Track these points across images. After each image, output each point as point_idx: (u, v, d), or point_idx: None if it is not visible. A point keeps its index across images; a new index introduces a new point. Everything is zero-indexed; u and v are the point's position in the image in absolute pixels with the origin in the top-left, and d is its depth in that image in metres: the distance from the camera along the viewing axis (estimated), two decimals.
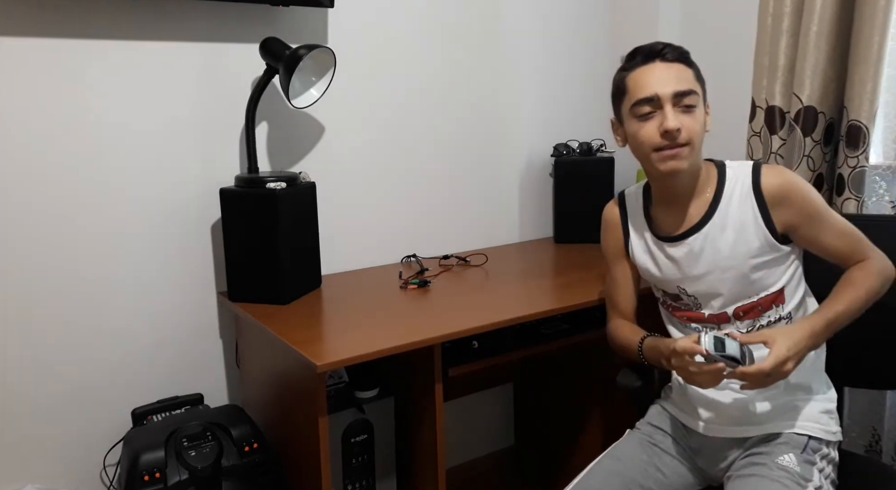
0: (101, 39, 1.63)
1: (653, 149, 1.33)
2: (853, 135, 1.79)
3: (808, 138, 1.85)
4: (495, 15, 2.22)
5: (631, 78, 1.36)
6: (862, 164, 1.79)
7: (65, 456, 1.69)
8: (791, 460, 1.29)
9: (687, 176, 1.36)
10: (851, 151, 1.80)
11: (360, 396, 1.69)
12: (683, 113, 1.31)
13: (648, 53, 1.34)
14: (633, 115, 1.35)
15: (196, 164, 1.78)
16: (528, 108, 2.34)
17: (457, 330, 1.49)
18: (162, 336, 1.78)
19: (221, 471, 1.52)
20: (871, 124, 1.77)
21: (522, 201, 2.38)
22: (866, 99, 1.76)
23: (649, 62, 1.34)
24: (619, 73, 1.40)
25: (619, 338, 1.51)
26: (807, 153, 1.86)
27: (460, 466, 2.38)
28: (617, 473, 1.38)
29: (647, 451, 1.43)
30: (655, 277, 1.48)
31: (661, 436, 1.46)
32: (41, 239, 1.61)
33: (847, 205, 1.82)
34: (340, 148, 1.99)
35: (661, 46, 1.34)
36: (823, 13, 1.79)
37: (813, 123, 1.84)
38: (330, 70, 1.79)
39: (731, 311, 1.40)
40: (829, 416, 1.38)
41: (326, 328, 1.54)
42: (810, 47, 1.81)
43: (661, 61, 1.33)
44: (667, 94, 1.30)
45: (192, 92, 1.76)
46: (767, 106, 1.94)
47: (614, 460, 1.42)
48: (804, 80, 1.84)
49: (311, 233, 1.79)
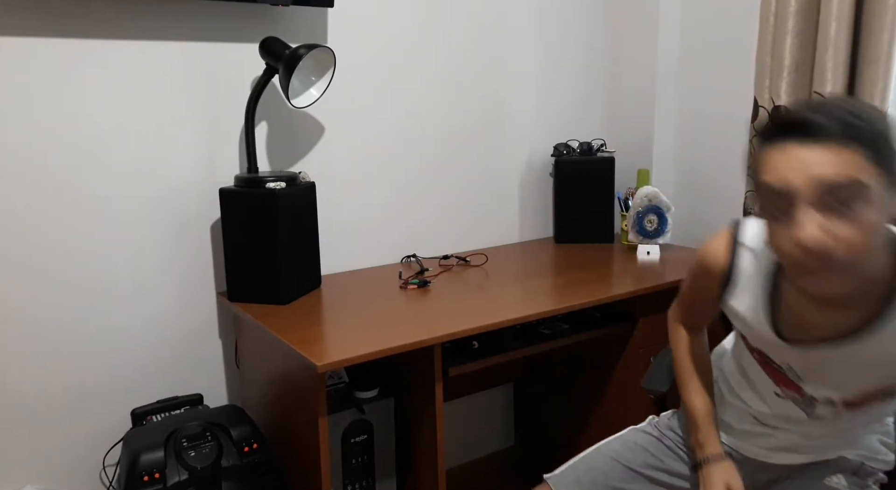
0: (100, 39, 1.63)
1: (792, 262, 0.92)
2: None
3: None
4: (495, 15, 2.21)
5: (764, 156, 0.93)
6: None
7: (64, 456, 1.69)
8: (841, 482, 1.18)
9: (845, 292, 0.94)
10: None
11: (360, 396, 1.68)
12: (837, 215, 0.86)
13: (789, 126, 0.89)
14: (766, 210, 0.94)
15: (195, 164, 1.78)
16: (528, 107, 2.33)
17: (457, 330, 1.48)
18: (161, 336, 1.78)
19: (221, 471, 1.52)
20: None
21: (522, 201, 2.38)
22: (877, 99, 1.76)
23: (788, 141, 0.89)
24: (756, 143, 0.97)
25: (677, 370, 1.35)
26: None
27: (460, 466, 2.38)
28: (621, 459, 1.32)
29: (656, 448, 1.35)
30: (756, 340, 1.16)
31: (676, 440, 1.37)
32: (41, 239, 1.61)
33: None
34: (340, 148, 1.99)
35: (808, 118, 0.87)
36: (840, 13, 1.78)
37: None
38: (330, 70, 1.79)
39: (837, 399, 1.12)
40: (885, 446, 1.28)
41: (326, 328, 1.54)
42: (830, 46, 1.80)
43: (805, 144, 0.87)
44: (805, 189, 0.86)
45: (192, 91, 1.76)
46: (773, 105, 1.93)
47: (622, 446, 1.35)
48: (825, 79, 1.82)
49: (311, 233, 1.79)
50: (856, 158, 0.85)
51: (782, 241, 0.91)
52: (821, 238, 0.86)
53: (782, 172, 0.88)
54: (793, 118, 0.89)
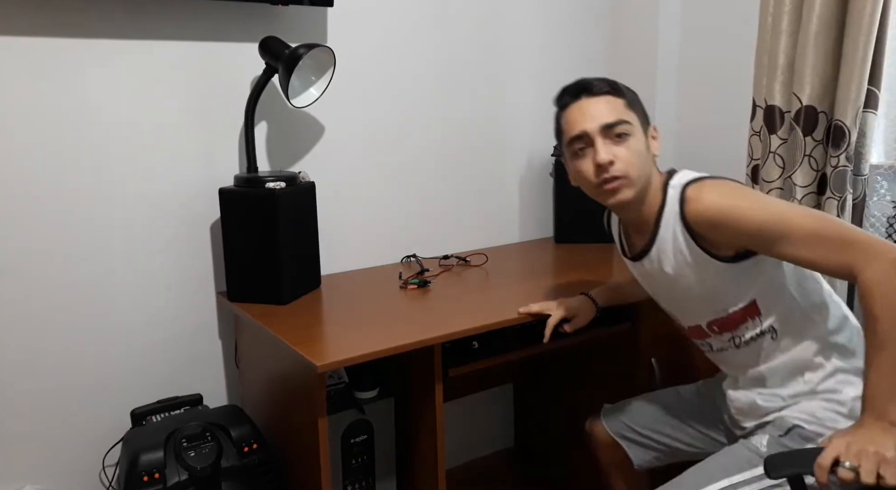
0: (100, 39, 1.63)
1: (595, 185, 1.33)
2: (836, 134, 1.79)
3: (808, 138, 1.85)
4: (495, 15, 2.21)
5: (563, 117, 1.37)
6: (843, 164, 1.79)
7: (64, 456, 1.69)
8: (761, 441, 1.31)
9: (637, 203, 1.35)
10: (833, 151, 1.80)
11: (360, 397, 1.68)
12: (617, 144, 1.30)
13: (576, 90, 1.35)
14: (570, 153, 1.36)
15: (195, 164, 1.78)
16: (528, 107, 2.33)
17: (457, 330, 1.48)
18: (161, 336, 1.78)
19: (221, 471, 1.52)
20: (854, 125, 1.76)
21: (522, 201, 2.38)
22: (851, 99, 1.75)
23: (577, 100, 1.34)
24: (556, 114, 1.40)
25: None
26: (808, 153, 1.85)
27: (460, 466, 2.38)
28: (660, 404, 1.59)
29: (694, 402, 1.58)
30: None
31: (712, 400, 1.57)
32: (41, 239, 1.61)
33: (828, 204, 1.83)
34: (340, 147, 1.99)
35: (587, 82, 1.34)
36: (823, 11, 1.78)
37: (813, 123, 1.84)
38: (329, 69, 1.78)
39: (704, 326, 1.41)
40: (838, 414, 1.30)
41: (326, 328, 1.54)
42: (809, 46, 1.81)
43: (586, 97, 1.33)
44: (594, 128, 1.30)
45: (192, 91, 1.75)
46: (767, 105, 1.93)
47: (666, 394, 1.62)
48: (804, 79, 1.83)
49: (311, 232, 1.79)
50: (620, 105, 1.32)
51: (586, 171, 1.33)
52: (610, 156, 1.29)
53: (581, 123, 1.31)
54: (578, 84, 1.34)
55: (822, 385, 1.32)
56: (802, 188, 1.88)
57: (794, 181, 1.88)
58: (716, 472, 1.30)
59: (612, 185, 1.31)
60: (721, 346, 1.42)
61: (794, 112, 1.86)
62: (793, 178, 1.89)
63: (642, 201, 1.35)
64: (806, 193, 1.88)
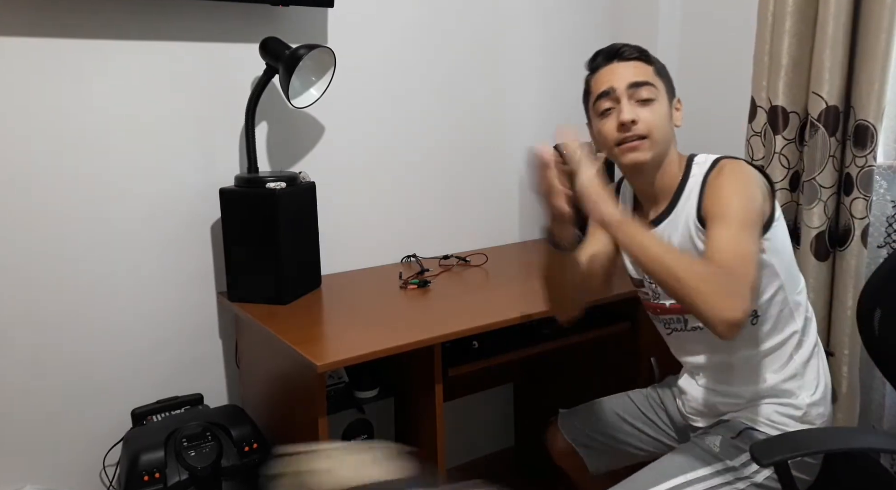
0: (100, 39, 1.63)
1: (614, 143, 1.35)
2: (860, 134, 1.79)
3: (832, 138, 1.84)
4: (495, 15, 2.21)
5: (593, 78, 1.40)
6: (870, 164, 1.79)
7: (64, 456, 1.69)
8: (714, 442, 1.35)
9: (652, 169, 1.37)
10: (859, 151, 1.80)
11: (360, 396, 1.68)
12: (641, 106, 1.33)
13: (608, 54, 1.38)
14: (595, 113, 1.39)
15: (196, 164, 1.78)
16: (528, 107, 2.33)
17: (457, 330, 1.48)
18: (162, 336, 1.78)
19: (221, 471, 1.52)
20: (878, 123, 1.77)
21: (522, 201, 2.38)
22: (874, 98, 1.76)
23: (609, 63, 1.37)
24: (586, 77, 1.44)
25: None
26: (832, 153, 1.85)
27: (460, 466, 2.38)
28: (617, 410, 1.60)
29: (646, 405, 1.60)
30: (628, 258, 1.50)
31: (662, 403, 1.59)
32: (41, 239, 1.61)
33: (855, 205, 1.82)
34: (340, 148, 1.99)
35: (619, 46, 1.38)
36: (838, 13, 1.78)
37: (835, 123, 1.83)
38: (330, 70, 1.79)
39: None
40: (791, 419, 1.35)
41: (326, 328, 1.54)
42: (826, 47, 1.80)
43: (619, 61, 1.36)
44: (622, 86, 1.33)
45: (192, 92, 1.76)
46: (770, 105, 1.93)
47: (619, 399, 1.62)
48: (822, 79, 1.82)
49: (311, 233, 1.79)
50: (650, 71, 1.36)
51: (608, 131, 1.35)
52: (633, 115, 1.31)
53: (609, 81, 1.35)
54: (612, 49, 1.38)
55: (782, 386, 1.36)
56: (827, 189, 1.86)
57: (818, 183, 1.86)
58: (670, 470, 1.33)
59: (631, 145, 1.33)
60: (698, 324, 1.41)
61: (817, 113, 1.83)
62: (817, 179, 1.86)
63: (658, 167, 1.37)
64: (830, 194, 1.86)
